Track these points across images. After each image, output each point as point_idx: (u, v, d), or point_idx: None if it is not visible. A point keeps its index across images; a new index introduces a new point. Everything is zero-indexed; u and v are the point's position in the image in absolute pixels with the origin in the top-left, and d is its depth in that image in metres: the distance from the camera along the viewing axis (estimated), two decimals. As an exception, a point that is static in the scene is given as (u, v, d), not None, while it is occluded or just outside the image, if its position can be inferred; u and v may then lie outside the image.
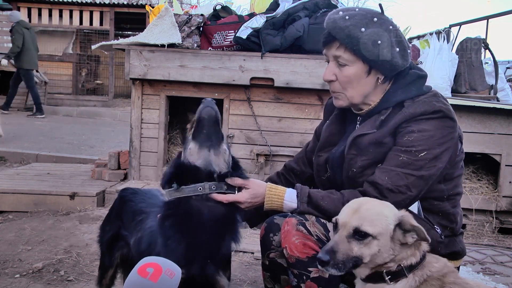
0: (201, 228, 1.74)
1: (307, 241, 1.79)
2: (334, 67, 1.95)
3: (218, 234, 1.78)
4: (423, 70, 2.00)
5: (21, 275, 3.03)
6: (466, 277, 3.06)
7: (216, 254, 1.79)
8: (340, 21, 1.87)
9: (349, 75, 1.92)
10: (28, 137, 8.43)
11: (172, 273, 1.54)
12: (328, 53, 1.97)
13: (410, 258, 1.60)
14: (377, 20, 1.88)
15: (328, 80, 1.99)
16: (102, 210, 4.33)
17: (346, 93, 1.96)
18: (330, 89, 2.03)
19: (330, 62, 1.97)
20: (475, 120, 4.53)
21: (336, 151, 2.05)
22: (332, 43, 1.93)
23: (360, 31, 1.84)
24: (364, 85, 1.93)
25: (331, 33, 1.90)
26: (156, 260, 1.57)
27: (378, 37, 1.85)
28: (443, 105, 1.85)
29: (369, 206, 1.62)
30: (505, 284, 3.01)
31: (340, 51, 1.91)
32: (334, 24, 1.89)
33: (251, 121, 4.80)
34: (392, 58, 1.87)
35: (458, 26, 7.69)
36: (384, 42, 1.85)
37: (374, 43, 1.85)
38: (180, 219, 1.75)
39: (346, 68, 1.92)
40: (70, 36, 15.31)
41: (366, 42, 1.84)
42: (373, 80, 1.94)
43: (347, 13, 1.90)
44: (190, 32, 4.69)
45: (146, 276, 1.51)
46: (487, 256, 3.60)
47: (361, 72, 1.92)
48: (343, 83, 1.94)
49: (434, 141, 1.81)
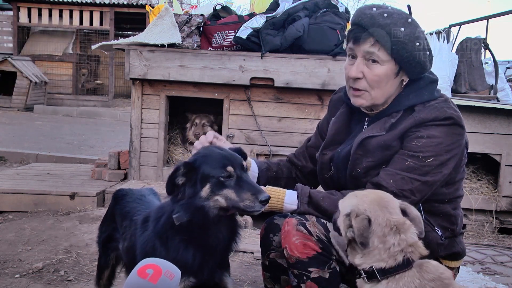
0: (211, 239, 1.75)
1: (307, 241, 1.79)
2: (362, 65, 1.88)
3: (226, 242, 1.80)
4: (434, 74, 1.97)
5: (21, 275, 3.03)
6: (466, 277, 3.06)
7: (224, 260, 1.83)
8: (379, 17, 1.81)
9: (380, 74, 1.86)
10: (28, 137, 8.43)
11: (171, 274, 1.54)
12: (358, 48, 1.88)
13: (383, 261, 1.54)
14: (411, 22, 1.83)
15: (355, 78, 1.90)
16: (102, 210, 4.33)
17: (371, 92, 1.90)
18: (352, 86, 1.93)
19: (359, 59, 1.88)
20: (475, 120, 4.53)
21: (341, 150, 2.03)
22: (366, 39, 1.84)
23: (400, 30, 1.79)
24: (390, 86, 1.90)
25: (367, 29, 1.82)
26: (155, 262, 1.57)
27: (416, 39, 1.81)
28: (454, 112, 1.84)
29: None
30: (505, 284, 3.01)
31: (374, 48, 1.84)
32: (373, 20, 1.81)
33: (251, 121, 4.80)
34: (425, 61, 1.85)
35: (458, 26, 7.70)
36: (421, 44, 1.83)
37: (413, 45, 1.81)
38: (190, 231, 1.74)
39: (377, 66, 1.86)
40: (70, 36, 15.31)
41: (406, 42, 1.80)
42: (398, 81, 1.91)
43: (384, 11, 1.83)
44: (190, 32, 4.69)
45: (145, 277, 1.51)
46: (487, 256, 3.60)
47: (391, 72, 1.87)
48: (372, 82, 1.88)
49: (442, 148, 1.80)
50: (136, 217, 2.00)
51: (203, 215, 1.70)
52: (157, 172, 4.85)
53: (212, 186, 1.68)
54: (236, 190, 1.66)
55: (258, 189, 1.66)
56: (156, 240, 1.80)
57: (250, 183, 1.68)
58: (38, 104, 13.29)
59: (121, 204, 2.19)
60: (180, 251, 1.74)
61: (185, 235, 1.73)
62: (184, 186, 1.73)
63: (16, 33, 14.82)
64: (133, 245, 1.92)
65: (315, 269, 1.79)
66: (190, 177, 1.72)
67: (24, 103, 12.91)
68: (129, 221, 2.04)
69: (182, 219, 1.71)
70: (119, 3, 14.50)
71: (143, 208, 2.03)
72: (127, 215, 2.09)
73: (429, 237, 1.87)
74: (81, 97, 14.91)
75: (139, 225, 1.93)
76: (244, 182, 1.68)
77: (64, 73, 14.93)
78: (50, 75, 14.54)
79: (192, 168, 1.72)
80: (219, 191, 1.68)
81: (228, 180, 1.68)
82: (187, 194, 1.71)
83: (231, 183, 1.68)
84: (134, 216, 2.03)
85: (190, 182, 1.71)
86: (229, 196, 1.67)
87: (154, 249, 1.79)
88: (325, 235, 1.81)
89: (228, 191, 1.67)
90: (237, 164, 1.71)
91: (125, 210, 2.12)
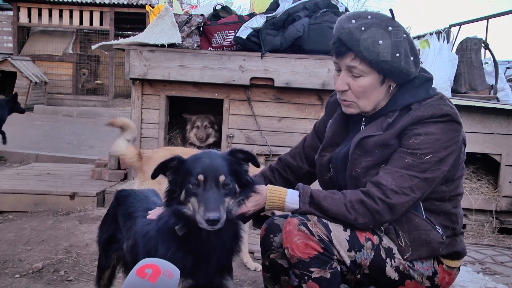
0: (203, 242, 1.74)
1: (309, 241, 1.79)
2: (347, 77, 1.91)
3: (227, 246, 1.79)
4: (429, 72, 1.98)
5: (21, 275, 3.03)
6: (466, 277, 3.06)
7: (225, 264, 1.82)
8: (356, 32, 1.81)
9: (364, 85, 1.89)
10: (28, 137, 8.43)
11: (170, 274, 1.54)
12: (341, 62, 1.91)
13: None
14: (392, 30, 1.83)
15: (341, 90, 1.94)
16: (102, 210, 4.33)
17: (358, 102, 1.93)
18: (340, 97, 1.98)
19: (343, 71, 1.92)
20: (475, 120, 4.54)
21: (340, 151, 2.04)
22: (346, 54, 1.87)
23: (378, 43, 1.80)
24: (377, 94, 1.92)
25: (346, 44, 1.84)
26: (154, 261, 1.57)
27: (396, 49, 1.82)
28: (450, 108, 1.85)
29: None
30: (505, 284, 3.01)
31: (355, 62, 1.86)
32: (350, 35, 1.82)
33: (251, 121, 4.80)
34: (408, 68, 1.85)
35: (458, 26, 7.71)
36: (402, 54, 1.83)
37: (393, 56, 1.81)
38: (189, 238, 1.74)
39: (361, 79, 1.89)
40: (70, 36, 15.32)
41: (385, 55, 1.81)
42: (385, 88, 1.93)
43: (361, 22, 1.83)
44: (190, 32, 4.69)
45: (144, 277, 1.51)
46: (487, 256, 3.60)
47: (376, 82, 1.89)
48: (357, 93, 1.91)
49: (440, 144, 1.82)
50: (139, 218, 2.01)
51: (184, 219, 1.71)
52: (157, 172, 4.84)
53: (186, 190, 1.69)
54: (198, 200, 1.65)
55: (211, 207, 1.60)
56: (157, 239, 1.80)
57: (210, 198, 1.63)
58: (38, 104, 13.30)
59: (124, 204, 2.18)
60: (175, 252, 1.74)
61: (178, 238, 1.74)
62: (170, 184, 1.75)
63: (16, 33, 14.83)
64: (137, 243, 1.93)
65: (317, 269, 1.78)
66: (176, 175, 1.74)
67: (24, 103, 12.88)
68: (134, 220, 2.04)
69: (182, 231, 1.72)
70: (119, 3, 14.50)
71: (148, 208, 2.03)
72: (132, 215, 2.09)
73: (430, 235, 1.88)
74: (81, 97, 14.92)
75: (142, 226, 1.93)
76: (207, 195, 1.63)
77: (64, 73, 14.93)
78: (50, 75, 14.55)
79: (181, 166, 1.73)
80: (189, 197, 1.68)
81: (196, 189, 1.67)
82: (173, 196, 1.73)
83: (198, 192, 1.66)
84: (139, 216, 2.04)
85: (176, 182, 1.73)
86: (193, 204, 1.67)
87: (156, 249, 1.79)
88: (327, 235, 1.81)
89: (194, 200, 1.67)
90: (210, 176, 1.67)
91: (130, 210, 2.12)
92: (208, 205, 1.60)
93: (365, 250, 1.84)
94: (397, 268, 1.88)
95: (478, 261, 3.47)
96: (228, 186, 1.70)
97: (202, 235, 1.70)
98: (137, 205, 2.12)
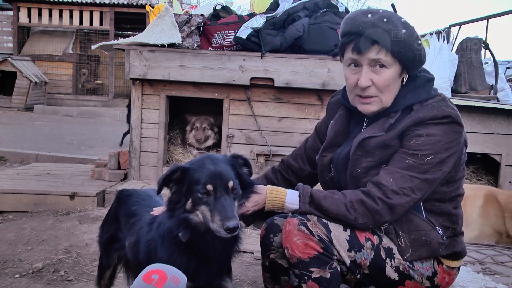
0: (205, 247, 1.75)
1: (308, 241, 1.79)
2: (370, 72, 1.88)
3: (227, 248, 1.80)
4: (430, 73, 1.99)
5: (21, 275, 3.03)
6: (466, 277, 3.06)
7: (224, 266, 1.83)
8: (380, 24, 1.81)
9: (388, 78, 1.88)
10: (28, 137, 8.43)
11: (177, 280, 1.54)
12: (363, 58, 1.87)
13: None
14: (404, 21, 1.85)
15: (365, 87, 1.89)
16: (102, 210, 4.33)
17: (382, 97, 1.90)
18: (362, 94, 1.92)
19: (365, 67, 1.88)
20: (475, 120, 4.54)
21: (341, 152, 2.04)
22: (371, 48, 1.85)
23: (402, 33, 1.81)
24: (396, 86, 1.92)
25: (371, 36, 1.82)
26: (161, 267, 1.57)
27: (417, 37, 1.84)
28: (452, 110, 1.86)
29: None
30: (505, 284, 3.00)
31: (381, 55, 1.85)
32: (375, 28, 1.81)
33: (251, 121, 4.80)
34: (425, 57, 1.89)
35: (458, 26, 7.70)
36: (421, 43, 1.85)
37: (417, 44, 1.83)
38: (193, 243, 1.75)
39: (385, 70, 1.87)
40: (70, 36, 15.33)
41: (411, 43, 1.82)
42: (399, 81, 1.94)
43: (380, 15, 1.83)
44: (190, 32, 4.69)
45: (151, 282, 1.51)
46: (487, 256, 3.59)
47: (396, 74, 1.90)
48: (382, 87, 1.89)
49: (441, 145, 1.82)
50: (144, 215, 2.01)
51: (190, 227, 1.71)
52: (157, 172, 4.85)
53: (194, 200, 1.68)
54: (211, 209, 1.65)
55: (228, 215, 1.61)
56: (158, 242, 1.80)
57: (224, 206, 1.63)
58: (38, 104, 13.30)
59: (126, 204, 2.19)
60: (179, 257, 1.75)
61: (181, 243, 1.74)
62: (174, 195, 1.74)
63: (16, 33, 14.84)
64: (139, 241, 1.94)
65: (316, 269, 1.78)
66: (180, 185, 1.73)
67: (24, 103, 12.92)
68: (138, 218, 2.04)
69: (186, 237, 1.72)
70: (119, 3, 14.51)
71: (151, 206, 2.03)
72: (134, 213, 2.09)
73: (430, 236, 1.88)
74: (81, 97, 14.93)
75: (146, 224, 1.93)
76: (220, 204, 1.64)
77: (64, 73, 14.95)
78: (50, 75, 14.56)
79: (185, 176, 1.72)
80: (198, 206, 1.68)
81: (206, 198, 1.67)
82: (177, 205, 1.73)
83: (209, 201, 1.66)
84: (142, 214, 2.04)
85: (180, 192, 1.72)
86: (204, 213, 1.67)
87: (156, 251, 1.79)
88: (327, 235, 1.81)
89: (204, 208, 1.67)
90: (219, 184, 1.67)
91: (132, 209, 2.13)
92: (225, 214, 1.61)
93: (365, 250, 1.84)
94: (397, 268, 1.88)
95: (478, 261, 3.46)
96: (236, 190, 1.72)
97: (207, 240, 1.71)
98: (141, 204, 2.13)
